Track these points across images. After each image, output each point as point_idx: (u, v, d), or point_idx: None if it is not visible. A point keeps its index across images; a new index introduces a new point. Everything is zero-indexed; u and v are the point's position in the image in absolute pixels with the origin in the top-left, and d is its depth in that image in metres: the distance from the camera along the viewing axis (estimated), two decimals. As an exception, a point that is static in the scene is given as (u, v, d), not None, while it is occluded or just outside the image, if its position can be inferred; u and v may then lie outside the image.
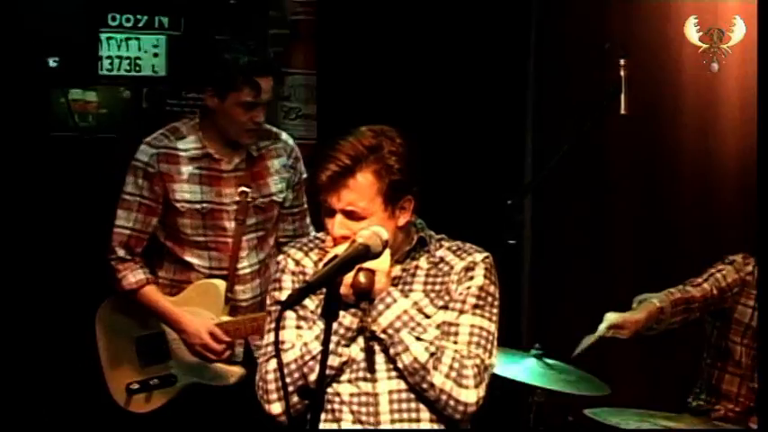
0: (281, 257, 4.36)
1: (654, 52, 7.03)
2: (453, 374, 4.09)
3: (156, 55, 7.21)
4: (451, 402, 4.10)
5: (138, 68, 7.20)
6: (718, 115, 7.06)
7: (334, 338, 3.93)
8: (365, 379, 4.15)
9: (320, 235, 4.37)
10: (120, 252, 5.68)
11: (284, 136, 5.91)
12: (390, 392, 4.14)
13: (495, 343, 4.23)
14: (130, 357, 5.82)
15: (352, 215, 4.09)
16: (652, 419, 5.46)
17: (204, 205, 5.65)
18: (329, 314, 3.80)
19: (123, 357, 5.83)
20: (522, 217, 6.52)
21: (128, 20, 7.16)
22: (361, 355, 4.14)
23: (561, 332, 6.77)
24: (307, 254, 4.31)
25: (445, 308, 4.19)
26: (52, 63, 6.30)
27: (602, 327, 5.85)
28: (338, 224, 4.11)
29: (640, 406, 5.68)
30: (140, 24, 7.18)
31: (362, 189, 4.08)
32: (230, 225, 5.68)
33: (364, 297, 4.06)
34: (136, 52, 7.20)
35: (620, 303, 7.06)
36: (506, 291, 4.43)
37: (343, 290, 3.94)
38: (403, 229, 4.19)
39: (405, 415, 4.15)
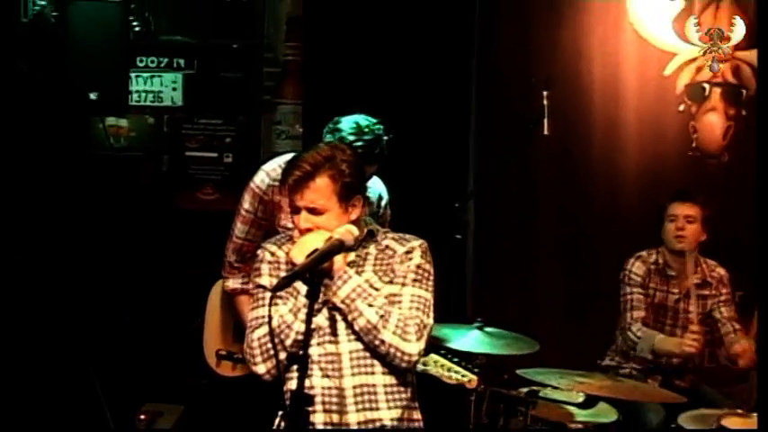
0: (259, 251, 4.43)
1: (570, 85, 7.06)
2: (399, 332, 4.18)
3: (174, 89, 7.22)
4: (398, 354, 4.19)
5: (160, 100, 7.22)
6: (620, 135, 7.12)
7: (304, 310, 3.98)
8: (330, 342, 4.24)
9: (290, 232, 4.44)
10: (232, 257, 5.55)
11: (373, 183, 5.61)
12: (350, 352, 4.23)
13: (432, 307, 4.32)
14: (227, 331, 5.73)
15: (313, 211, 4.19)
16: (569, 377, 5.47)
17: None
18: (312, 296, 3.88)
19: (221, 329, 5.74)
20: (467, 217, 6.54)
21: (152, 62, 7.19)
22: (326, 323, 4.22)
23: (499, 308, 6.82)
24: (280, 247, 4.38)
25: (391, 283, 4.29)
26: (92, 96, 6.29)
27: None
28: (303, 219, 4.21)
29: (561, 366, 5.69)
30: (162, 65, 7.21)
31: (321, 190, 4.18)
32: None
33: (326, 275, 4.14)
34: (159, 87, 7.22)
35: (545, 286, 7.17)
36: (454, 276, 4.48)
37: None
38: (355, 224, 4.26)
39: (362, 369, 4.24)
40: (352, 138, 5.07)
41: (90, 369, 6.20)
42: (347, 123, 5.22)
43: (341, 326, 4.23)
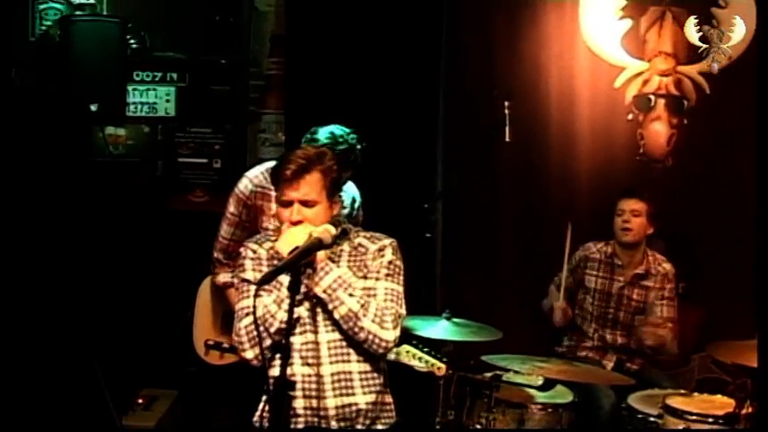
0: (241, 249, 4.42)
1: (529, 96, 7.07)
2: (377, 320, 4.19)
3: (168, 101, 7.19)
4: (376, 340, 4.19)
5: (155, 111, 7.18)
6: (574, 142, 7.14)
7: (287, 301, 3.95)
8: (310, 332, 4.23)
9: (269, 231, 4.42)
10: (220, 256, 5.58)
11: (348, 187, 5.67)
12: (328, 341, 4.23)
13: (403, 299, 4.33)
14: (215, 322, 5.74)
15: (306, 204, 4.19)
16: (530, 362, 5.49)
17: None
18: (294, 289, 3.87)
19: (210, 321, 5.75)
20: (435, 217, 6.53)
21: (148, 76, 7.15)
22: (306, 314, 4.22)
23: (465, 300, 6.83)
24: (260, 245, 4.38)
25: (365, 278, 4.29)
26: (93, 108, 6.28)
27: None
28: (295, 211, 4.19)
29: (522, 353, 5.71)
30: (157, 79, 7.16)
31: (314, 183, 4.19)
32: None
33: (309, 265, 4.14)
34: (153, 99, 7.18)
35: (507, 280, 7.16)
36: (423, 272, 4.48)
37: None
38: (332, 222, 4.27)
39: (339, 357, 4.25)
40: (328, 146, 5.06)
41: (93, 359, 6.17)
42: (323, 133, 5.21)
43: (320, 317, 4.24)
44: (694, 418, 5.25)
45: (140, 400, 6.57)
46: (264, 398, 4.25)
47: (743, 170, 6.95)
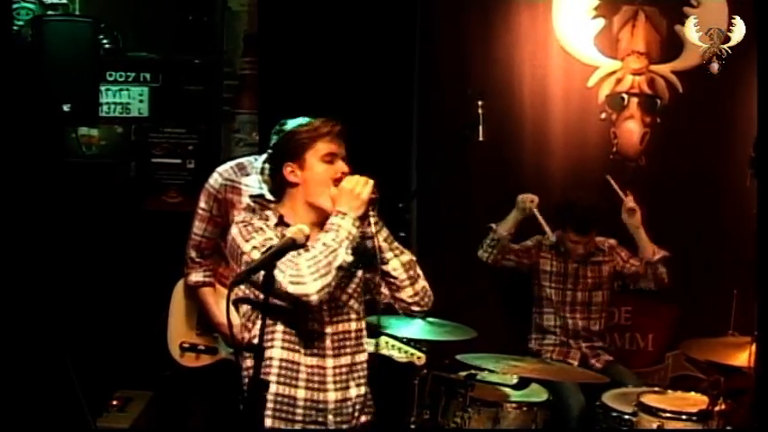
0: (249, 226, 4.19)
1: (502, 95, 7.09)
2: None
3: (141, 101, 7.15)
4: (429, 292, 4.43)
5: (128, 111, 7.14)
6: (548, 140, 7.17)
7: (345, 243, 4.04)
8: (317, 321, 4.17)
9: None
10: (192, 253, 5.54)
11: None
12: (333, 334, 4.19)
13: None
14: (190, 324, 5.70)
15: (346, 160, 4.29)
16: (504, 360, 5.51)
17: None
18: (267, 290, 3.83)
19: (185, 322, 5.72)
20: (409, 216, 6.54)
21: (121, 76, 7.11)
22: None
23: (439, 299, 6.80)
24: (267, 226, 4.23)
25: None
26: (66, 108, 6.24)
27: None
28: (342, 164, 4.27)
29: (496, 352, 5.72)
30: (130, 79, 7.12)
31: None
32: None
33: (364, 217, 4.19)
34: (127, 99, 7.14)
35: (482, 279, 7.16)
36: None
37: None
38: None
39: (340, 350, 4.22)
40: None
41: (67, 360, 6.14)
42: (293, 126, 5.20)
43: (326, 311, 4.19)
44: (668, 415, 5.30)
45: (115, 402, 6.54)
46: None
47: (716, 169, 6.99)
